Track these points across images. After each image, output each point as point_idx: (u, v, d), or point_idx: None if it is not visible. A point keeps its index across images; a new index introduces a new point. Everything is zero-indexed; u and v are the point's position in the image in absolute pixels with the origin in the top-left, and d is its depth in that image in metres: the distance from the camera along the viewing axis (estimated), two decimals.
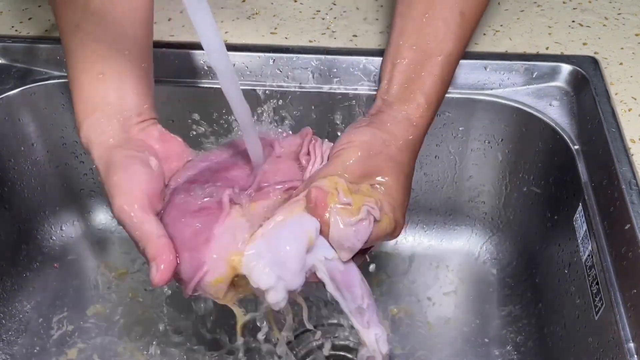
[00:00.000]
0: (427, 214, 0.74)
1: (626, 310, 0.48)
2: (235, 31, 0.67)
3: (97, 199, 0.77)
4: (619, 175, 0.52)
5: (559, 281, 0.61)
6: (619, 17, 0.67)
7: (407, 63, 0.51)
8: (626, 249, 0.49)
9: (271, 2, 0.70)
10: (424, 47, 0.51)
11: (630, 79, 0.60)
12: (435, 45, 0.50)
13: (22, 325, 0.70)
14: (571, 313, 0.57)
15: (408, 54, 0.51)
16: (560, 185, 0.62)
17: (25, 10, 0.71)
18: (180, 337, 0.69)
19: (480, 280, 0.72)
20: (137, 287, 0.73)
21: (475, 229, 0.74)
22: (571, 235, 0.58)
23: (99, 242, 0.77)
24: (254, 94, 0.63)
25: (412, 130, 0.48)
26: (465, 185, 0.71)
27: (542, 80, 0.63)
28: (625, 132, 0.55)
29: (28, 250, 0.74)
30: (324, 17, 0.68)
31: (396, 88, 0.50)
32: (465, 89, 0.63)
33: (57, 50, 0.66)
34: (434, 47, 0.50)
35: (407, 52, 0.51)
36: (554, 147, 0.61)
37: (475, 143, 0.67)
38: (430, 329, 0.68)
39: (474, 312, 0.69)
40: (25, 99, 0.67)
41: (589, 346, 0.53)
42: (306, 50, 0.64)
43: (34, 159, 0.71)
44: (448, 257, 0.74)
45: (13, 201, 0.71)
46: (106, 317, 0.71)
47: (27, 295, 0.72)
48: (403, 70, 0.51)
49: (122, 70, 0.47)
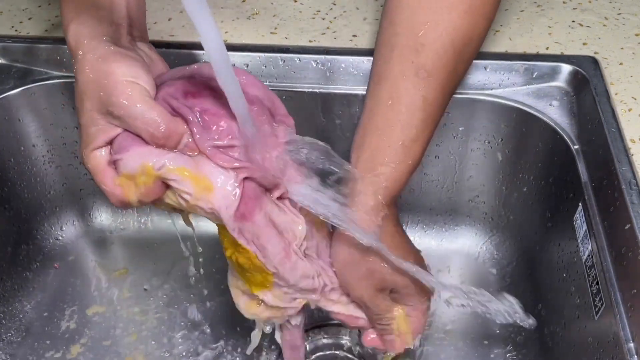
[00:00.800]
0: (427, 214, 0.74)
1: (626, 310, 0.48)
2: (235, 31, 0.67)
3: (97, 199, 0.77)
4: (619, 175, 0.52)
5: (559, 281, 0.61)
6: (619, 17, 0.67)
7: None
8: (626, 249, 0.49)
9: (271, 2, 0.70)
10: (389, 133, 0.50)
11: (630, 79, 0.60)
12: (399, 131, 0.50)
13: (22, 325, 0.70)
14: (571, 313, 0.57)
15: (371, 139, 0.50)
16: (560, 185, 0.62)
17: (25, 10, 0.71)
18: (180, 336, 0.69)
19: (480, 280, 0.72)
20: (137, 286, 0.73)
21: (475, 229, 0.74)
22: (571, 235, 0.58)
23: (99, 242, 0.77)
24: None
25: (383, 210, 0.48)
26: (465, 185, 0.71)
27: (542, 80, 0.63)
28: (625, 132, 0.55)
29: (28, 250, 0.74)
30: (324, 17, 0.68)
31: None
32: (465, 89, 0.63)
33: (57, 50, 0.66)
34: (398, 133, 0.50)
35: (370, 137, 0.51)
36: (554, 147, 0.61)
37: (475, 143, 0.67)
38: (430, 329, 0.68)
39: (473, 312, 0.69)
40: (25, 99, 0.67)
41: (589, 346, 0.53)
42: (306, 50, 0.64)
43: (34, 159, 0.71)
44: (448, 257, 0.74)
45: (13, 201, 0.71)
46: (106, 317, 0.71)
47: (27, 295, 0.72)
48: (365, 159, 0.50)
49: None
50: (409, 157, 0.49)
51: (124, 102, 0.41)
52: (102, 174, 0.43)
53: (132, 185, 0.43)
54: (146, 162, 0.41)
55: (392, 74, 0.50)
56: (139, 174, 0.42)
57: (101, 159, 0.43)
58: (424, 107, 0.49)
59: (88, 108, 0.42)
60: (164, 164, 0.41)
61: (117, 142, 0.43)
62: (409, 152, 0.49)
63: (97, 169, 0.43)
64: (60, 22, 0.69)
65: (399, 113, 0.49)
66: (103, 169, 0.43)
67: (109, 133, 0.42)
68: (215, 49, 0.36)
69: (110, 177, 0.43)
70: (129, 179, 0.42)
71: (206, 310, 0.71)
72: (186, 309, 0.71)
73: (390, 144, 0.49)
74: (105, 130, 0.42)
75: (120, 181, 0.43)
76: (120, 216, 0.78)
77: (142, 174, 0.42)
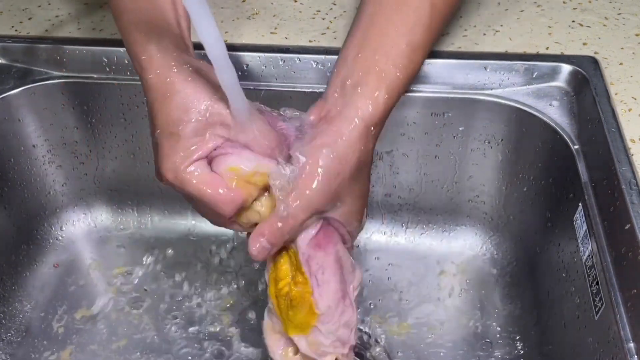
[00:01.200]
0: (427, 214, 0.74)
1: (626, 310, 0.48)
2: (235, 31, 0.67)
3: (97, 199, 0.77)
4: (619, 175, 0.52)
5: (559, 281, 0.61)
6: (619, 17, 0.67)
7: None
8: (626, 249, 0.49)
9: (271, 2, 0.70)
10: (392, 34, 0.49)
11: (630, 79, 0.60)
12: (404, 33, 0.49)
13: (22, 325, 0.70)
14: (571, 313, 0.57)
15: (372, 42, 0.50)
16: (560, 185, 0.62)
17: (25, 10, 0.71)
18: (181, 336, 0.69)
19: (481, 280, 0.72)
20: (137, 286, 0.73)
21: (475, 229, 0.74)
22: (571, 235, 0.58)
23: (98, 242, 0.77)
24: (254, 94, 0.63)
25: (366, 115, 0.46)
26: (465, 185, 0.71)
27: (542, 80, 0.63)
28: (625, 132, 0.55)
29: (28, 250, 0.74)
30: (324, 17, 0.68)
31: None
32: (465, 89, 0.63)
33: (57, 50, 0.66)
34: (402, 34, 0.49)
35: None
36: (554, 147, 0.61)
37: (475, 143, 0.67)
38: (430, 329, 0.68)
39: (474, 312, 0.69)
40: (25, 99, 0.67)
41: (589, 346, 0.53)
42: (306, 50, 0.64)
43: (34, 159, 0.71)
44: (448, 257, 0.74)
45: (13, 201, 0.71)
46: (106, 317, 0.71)
47: (27, 295, 0.72)
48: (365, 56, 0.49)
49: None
50: (412, 62, 0.49)
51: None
52: (212, 183, 0.43)
53: (249, 185, 0.43)
54: (260, 163, 0.42)
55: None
56: (252, 175, 0.43)
57: (204, 168, 0.43)
58: (430, 14, 0.49)
59: (186, 119, 0.42)
60: (277, 170, 0.42)
61: (223, 148, 0.43)
62: (412, 58, 0.49)
63: (203, 180, 0.43)
64: (60, 22, 0.69)
65: (406, 15, 0.49)
66: (211, 178, 0.43)
67: (210, 143, 0.43)
68: (216, 51, 0.37)
69: (222, 184, 0.43)
70: (245, 180, 0.43)
71: (208, 307, 0.71)
72: (187, 309, 0.71)
73: (394, 45, 0.48)
74: (207, 141, 0.43)
75: (237, 183, 0.43)
76: (120, 216, 0.78)
77: (255, 175, 0.43)
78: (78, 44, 0.66)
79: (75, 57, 0.66)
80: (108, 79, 0.66)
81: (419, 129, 0.66)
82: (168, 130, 0.43)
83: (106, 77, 0.66)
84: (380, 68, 0.47)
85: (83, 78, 0.66)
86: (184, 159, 0.42)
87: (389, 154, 0.68)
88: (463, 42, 0.65)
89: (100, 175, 0.75)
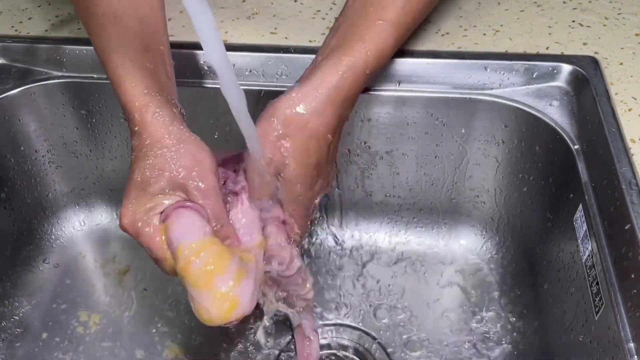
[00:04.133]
0: (427, 214, 0.74)
1: (626, 310, 0.48)
2: (235, 31, 0.67)
3: (97, 199, 0.77)
4: (619, 175, 0.52)
5: (559, 281, 0.61)
6: (619, 17, 0.67)
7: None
8: (626, 249, 0.49)
9: (271, 2, 0.70)
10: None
11: (630, 79, 0.60)
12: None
13: (21, 325, 0.70)
14: (571, 313, 0.57)
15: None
16: (560, 185, 0.62)
17: (25, 10, 0.71)
18: (181, 336, 0.69)
19: (480, 280, 0.72)
20: (137, 286, 0.73)
21: (475, 229, 0.74)
22: (571, 235, 0.58)
23: (99, 241, 0.77)
24: (254, 94, 0.63)
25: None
26: (465, 185, 0.71)
27: (542, 80, 0.63)
28: (625, 132, 0.55)
29: (28, 250, 0.74)
30: (324, 17, 0.68)
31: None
32: (465, 89, 0.63)
33: (57, 50, 0.66)
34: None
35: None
36: (554, 147, 0.61)
37: (475, 143, 0.67)
38: (430, 329, 0.68)
39: (474, 312, 0.69)
40: (25, 99, 0.67)
41: (589, 346, 0.53)
42: (306, 50, 0.64)
43: (34, 159, 0.71)
44: (448, 257, 0.74)
45: (13, 201, 0.71)
46: (106, 317, 0.71)
47: (27, 295, 0.72)
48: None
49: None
50: (383, 37, 0.50)
51: (202, 186, 0.46)
52: (156, 240, 0.46)
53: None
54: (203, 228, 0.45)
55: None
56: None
57: (157, 224, 0.46)
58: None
59: (156, 180, 0.45)
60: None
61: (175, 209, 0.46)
62: (385, 33, 0.50)
63: (155, 234, 0.46)
64: (60, 22, 0.69)
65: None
66: (158, 234, 0.46)
67: (169, 201, 0.46)
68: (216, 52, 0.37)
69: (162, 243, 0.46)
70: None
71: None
72: (187, 309, 0.71)
73: (367, 24, 0.50)
74: (171, 198, 0.46)
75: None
76: None
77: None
78: (78, 44, 0.66)
79: (75, 57, 0.66)
80: (108, 79, 0.66)
81: (419, 129, 0.66)
82: (139, 183, 0.46)
83: (106, 77, 0.66)
84: (350, 46, 0.49)
85: (83, 78, 0.66)
86: (144, 213, 0.45)
87: (389, 154, 0.68)
88: (463, 42, 0.65)
89: (100, 175, 0.75)
